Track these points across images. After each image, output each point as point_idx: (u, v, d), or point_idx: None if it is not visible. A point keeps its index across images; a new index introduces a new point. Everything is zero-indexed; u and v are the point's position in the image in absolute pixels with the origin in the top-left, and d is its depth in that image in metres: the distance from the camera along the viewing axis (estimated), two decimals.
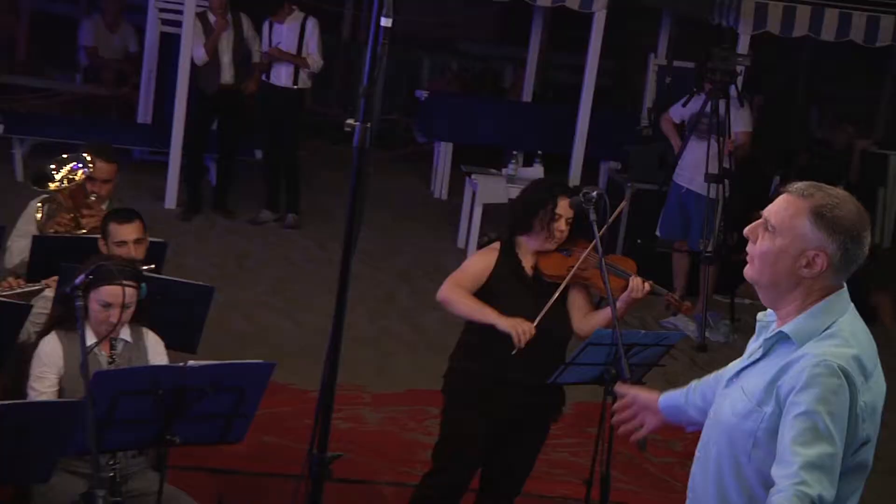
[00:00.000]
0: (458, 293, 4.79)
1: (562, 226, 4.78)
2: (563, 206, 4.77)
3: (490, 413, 4.82)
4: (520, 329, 4.61)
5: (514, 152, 9.90)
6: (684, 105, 8.89)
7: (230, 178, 10.15)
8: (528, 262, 4.84)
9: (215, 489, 5.35)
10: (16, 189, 9.47)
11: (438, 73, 14.07)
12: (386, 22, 3.25)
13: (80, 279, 4.11)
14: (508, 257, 4.83)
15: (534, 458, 5.02)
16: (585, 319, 4.85)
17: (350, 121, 3.37)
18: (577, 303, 4.85)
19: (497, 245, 4.89)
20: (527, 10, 11.65)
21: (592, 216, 4.56)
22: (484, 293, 4.79)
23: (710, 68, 8.40)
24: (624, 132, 10.92)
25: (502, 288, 4.78)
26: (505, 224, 4.97)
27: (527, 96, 12.19)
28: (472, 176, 9.88)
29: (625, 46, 12.63)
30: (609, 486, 4.72)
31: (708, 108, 8.39)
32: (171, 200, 9.95)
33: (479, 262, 4.87)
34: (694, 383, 3.39)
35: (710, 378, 3.35)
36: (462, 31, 14.34)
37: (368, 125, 3.34)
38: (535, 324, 4.63)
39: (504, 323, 4.64)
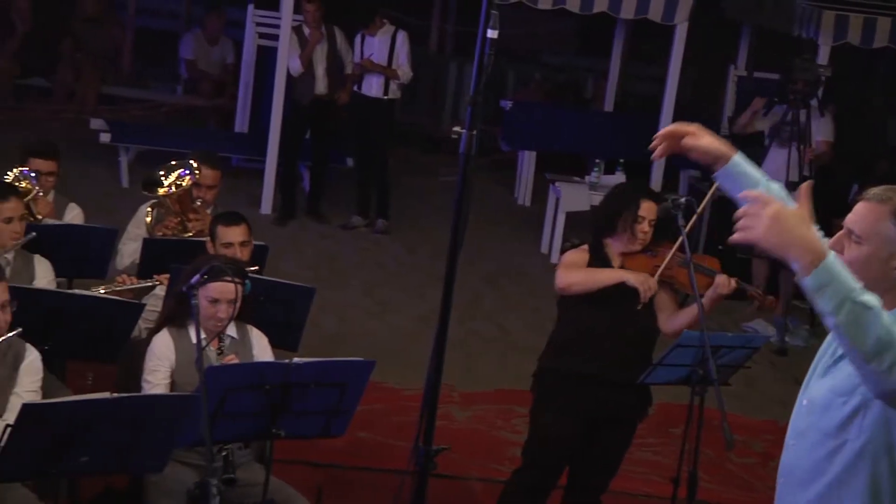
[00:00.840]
0: (576, 272, 4.88)
1: (645, 227, 4.86)
2: (646, 209, 4.85)
3: (578, 412, 4.92)
4: (646, 284, 4.74)
5: (597, 160, 10.06)
6: (765, 114, 9.02)
7: (323, 184, 10.37)
8: (615, 264, 4.92)
9: (314, 482, 5.47)
10: (121, 194, 9.85)
11: (522, 83, 14.22)
12: (492, 34, 3.39)
13: (195, 279, 4.25)
14: (598, 258, 4.92)
15: (620, 456, 5.11)
16: (672, 318, 4.92)
17: (457, 128, 3.49)
18: (663, 302, 4.94)
19: (585, 247, 4.98)
20: (608, 22, 11.81)
21: (681, 221, 4.63)
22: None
23: (791, 78, 8.53)
24: None
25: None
26: (589, 229, 5.07)
27: (608, 106, 12.34)
28: (556, 183, 10.08)
29: (701, 56, 12.71)
30: (697, 483, 4.82)
31: (789, 118, 8.52)
32: (266, 206, 10.19)
33: (577, 258, 4.95)
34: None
35: None
36: (545, 43, 14.50)
37: (474, 133, 3.48)
38: (655, 278, 4.76)
39: (633, 278, 4.75)
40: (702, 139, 3.33)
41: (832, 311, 2.69)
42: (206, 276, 4.33)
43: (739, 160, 3.31)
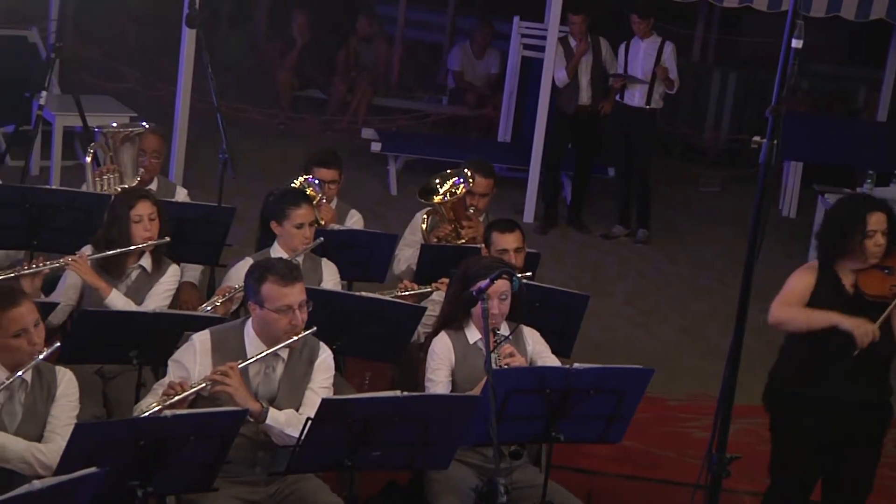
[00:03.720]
0: (789, 310, 4.83)
1: (879, 240, 4.72)
2: (875, 221, 4.71)
3: (816, 431, 4.85)
4: (863, 329, 4.60)
5: (870, 171, 9.75)
6: None
7: (584, 194, 10.45)
8: (847, 281, 4.81)
9: (584, 488, 5.48)
10: (390, 202, 10.18)
11: (789, 92, 13.86)
12: (797, 43, 3.42)
13: (485, 283, 4.38)
14: (828, 277, 4.82)
15: (872, 470, 4.96)
16: None
17: (756, 138, 3.54)
18: None
19: (815, 264, 4.87)
20: (878, 30, 11.40)
21: None
22: None
23: None
24: None
25: (824, 308, 4.78)
26: (818, 248, 4.92)
27: (882, 115, 11.92)
28: (826, 195, 9.80)
29: None
30: None
31: None
32: (529, 215, 10.30)
33: (802, 282, 4.85)
34: None
35: None
36: (812, 52, 14.12)
37: (776, 142, 3.48)
38: (877, 325, 4.61)
39: (847, 322, 4.63)
40: None
41: None
42: (492, 281, 4.44)
43: None
